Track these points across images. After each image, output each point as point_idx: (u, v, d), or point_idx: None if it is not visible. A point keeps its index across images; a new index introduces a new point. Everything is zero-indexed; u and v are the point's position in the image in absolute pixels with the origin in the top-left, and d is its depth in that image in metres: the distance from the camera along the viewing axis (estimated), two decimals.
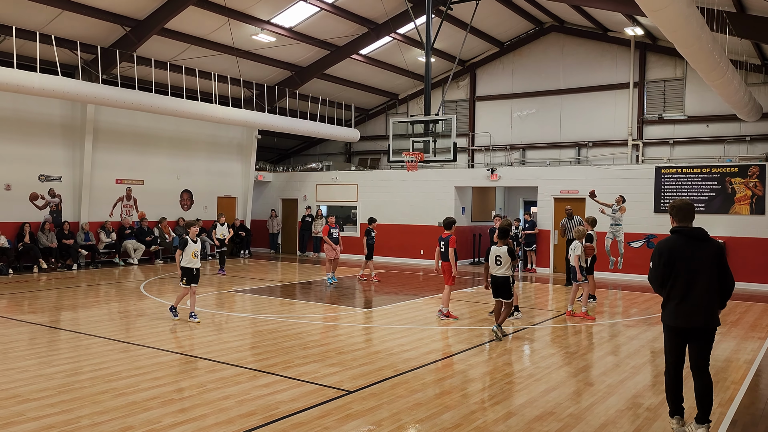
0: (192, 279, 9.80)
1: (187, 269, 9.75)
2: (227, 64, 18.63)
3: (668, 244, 5.17)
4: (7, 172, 16.09)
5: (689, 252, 5.07)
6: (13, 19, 14.37)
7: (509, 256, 9.01)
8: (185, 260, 9.71)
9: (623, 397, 6.32)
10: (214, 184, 21.65)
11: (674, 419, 5.36)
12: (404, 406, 5.87)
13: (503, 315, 9.12)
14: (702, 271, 5.05)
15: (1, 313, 10.34)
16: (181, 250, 9.76)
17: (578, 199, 17.67)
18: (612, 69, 20.06)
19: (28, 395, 5.97)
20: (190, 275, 9.78)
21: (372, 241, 15.50)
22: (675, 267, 5.08)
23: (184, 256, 9.72)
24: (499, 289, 9.09)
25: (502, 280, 9.07)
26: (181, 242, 9.86)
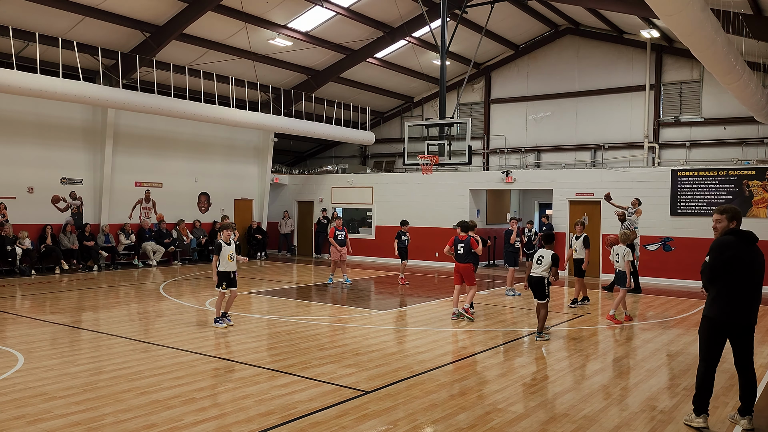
0: (230, 283, 9.58)
1: (224, 273, 9.51)
2: (244, 68, 18.86)
3: (728, 242, 5.50)
4: (30, 175, 16.42)
5: (743, 252, 5.45)
6: (37, 26, 14.69)
7: (551, 261, 9.15)
8: (222, 264, 9.48)
9: (638, 400, 6.36)
10: (230, 187, 21.89)
11: (700, 417, 5.51)
12: (420, 407, 5.96)
13: (540, 317, 9.22)
14: (752, 271, 5.45)
15: (25, 313, 10.59)
16: (216, 254, 9.48)
17: (594, 202, 17.65)
18: (628, 71, 20.01)
19: (54, 393, 6.14)
20: (228, 279, 9.55)
21: (403, 245, 15.14)
22: (731, 265, 5.41)
23: (220, 260, 9.49)
24: (534, 289, 9.28)
25: (536, 279, 9.23)
26: (216, 246, 9.57)
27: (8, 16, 14.16)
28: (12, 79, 13.35)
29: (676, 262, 16.31)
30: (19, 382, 6.47)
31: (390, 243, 20.99)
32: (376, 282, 16.24)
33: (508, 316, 11.24)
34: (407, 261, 15.53)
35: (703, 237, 15.44)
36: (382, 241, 21.25)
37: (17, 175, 16.14)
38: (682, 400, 6.34)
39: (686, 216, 16.31)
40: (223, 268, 9.51)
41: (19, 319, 10.03)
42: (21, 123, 16.22)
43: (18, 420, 5.36)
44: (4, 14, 14.09)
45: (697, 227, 15.99)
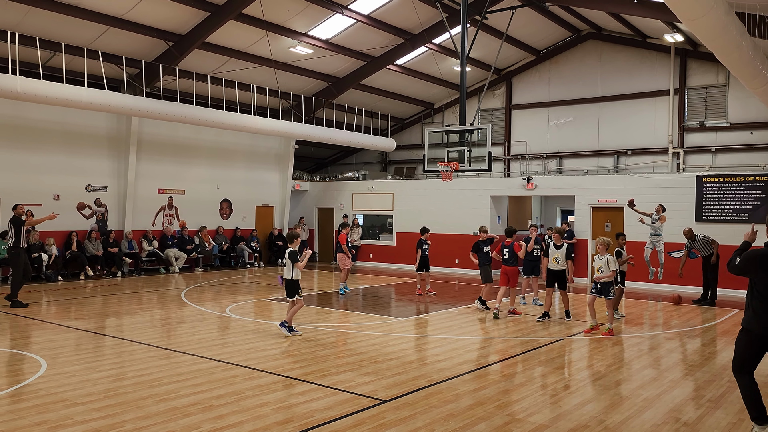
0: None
1: (297, 282, 9.58)
2: (265, 76, 19.02)
3: (763, 253, 5.50)
4: (56, 182, 16.72)
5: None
6: (63, 36, 14.98)
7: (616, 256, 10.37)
8: (295, 273, 9.53)
9: (660, 411, 6.24)
10: (252, 194, 22.05)
11: (757, 427, 5.43)
12: (438, 417, 5.91)
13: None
14: None
15: (50, 319, 10.76)
16: (295, 262, 9.48)
17: (617, 209, 17.43)
18: (651, 76, 19.77)
19: (75, 399, 6.22)
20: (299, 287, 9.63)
21: (425, 254, 14.32)
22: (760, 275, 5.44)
23: (294, 268, 9.51)
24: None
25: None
26: (293, 254, 9.53)
27: (35, 27, 14.47)
28: (39, 88, 13.62)
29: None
30: (41, 388, 6.56)
31: (411, 249, 20.89)
32: (397, 289, 16.20)
33: (528, 326, 11.13)
34: (428, 271, 14.59)
35: (729, 244, 15.12)
36: (403, 248, 21.21)
37: (44, 182, 16.45)
38: (707, 412, 6.20)
39: (712, 222, 16.01)
40: (297, 276, 9.58)
41: (44, 325, 10.19)
42: (48, 132, 16.54)
43: (39, 426, 5.43)
44: (31, 25, 14.40)
45: (723, 234, 15.66)
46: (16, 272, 11.96)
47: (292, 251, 9.59)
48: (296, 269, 9.49)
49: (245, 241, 21.13)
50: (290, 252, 9.58)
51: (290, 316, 9.68)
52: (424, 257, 14.38)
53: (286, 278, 9.63)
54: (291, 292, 9.60)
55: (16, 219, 11.93)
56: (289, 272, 9.56)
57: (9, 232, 12.00)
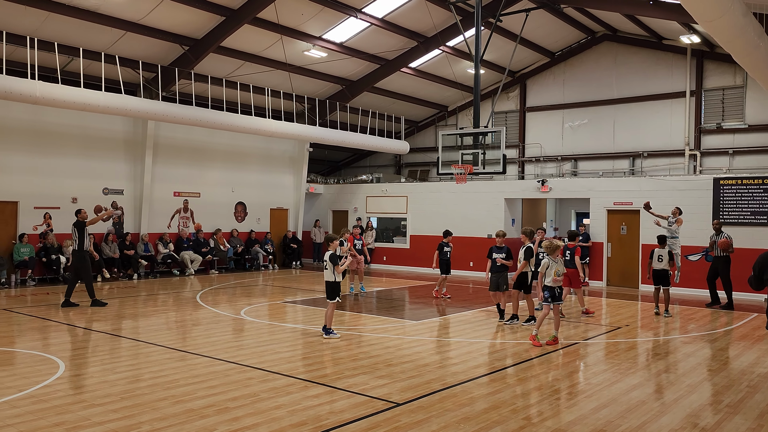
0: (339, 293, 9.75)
1: (338, 284, 9.68)
2: (280, 79, 19.12)
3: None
4: (74, 185, 16.91)
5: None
6: (80, 41, 15.16)
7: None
8: (337, 275, 9.63)
9: (677, 417, 6.18)
10: (266, 196, 22.16)
11: None
12: (452, 420, 5.90)
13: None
14: None
15: (68, 321, 10.88)
16: (336, 265, 9.58)
17: (632, 211, 17.30)
18: (667, 77, 19.62)
19: (92, 400, 6.28)
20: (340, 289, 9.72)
21: (446, 257, 14.28)
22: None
23: (335, 271, 9.59)
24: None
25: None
26: (333, 257, 9.61)
27: (54, 33, 14.66)
28: (57, 93, 13.80)
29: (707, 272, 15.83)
30: (59, 389, 6.64)
31: (425, 252, 20.85)
32: (411, 292, 16.20)
33: (543, 328, 11.06)
34: (448, 275, 14.59)
35: (747, 247, 14.95)
36: (417, 251, 21.20)
37: (62, 185, 16.65)
38: (726, 418, 6.14)
39: (729, 225, 15.82)
40: (339, 279, 9.69)
41: (62, 327, 10.30)
42: (66, 135, 16.74)
43: (57, 427, 5.50)
44: (50, 31, 14.59)
45: (741, 237, 15.49)
46: (86, 274, 12.46)
47: (333, 254, 9.66)
48: (336, 272, 9.56)
49: (260, 243, 21.23)
50: (331, 255, 9.65)
51: (329, 319, 9.76)
52: (445, 260, 14.33)
53: (327, 281, 9.68)
54: (332, 294, 9.66)
55: (80, 223, 12.37)
56: (331, 274, 9.62)
57: (73, 236, 12.43)
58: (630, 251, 17.32)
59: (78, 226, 12.34)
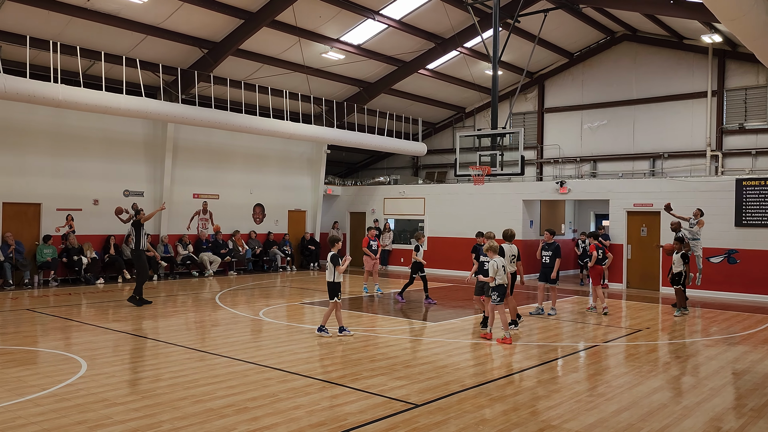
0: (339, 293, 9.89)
1: (339, 284, 9.83)
2: (298, 82, 19.21)
3: None
4: (95, 187, 17.14)
5: None
6: (102, 45, 15.37)
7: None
8: (337, 275, 9.78)
9: (700, 420, 6.09)
10: (284, 198, 22.27)
11: None
12: (471, 422, 5.88)
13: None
14: None
15: (89, 321, 11.02)
16: (337, 265, 9.75)
17: (653, 213, 17.11)
18: (688, 77, 19.40)
19: (114, 399, 6.35)
20: (340, 289, 9.89)
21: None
22: None
23: (335, 271, 9.76)
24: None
25: None
26: (334, 258, 9.82)
27: (76, 37, 14.88)
28: (80, 96, 13.99)
29: (742, 276, 15.62)
30: (82, 388, 6.72)
31: (443, 254, 20.80)
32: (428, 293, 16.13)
33: (563, 330, 10.99)
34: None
35: None
36: (434, 252, 21.14)
37: (83, 187, 16.88)
38: (750, 422, 6.04)
39: (752, 227, 15.61)
40: (339, 279, 9.84)
41: (84, 327, 10.44)
42: (87, 138, 16.97)
43: (80, 425, 5.57)
44: (72, 35, 14.81)
45: (764, 239, 15.29)
46: (142, 272, 12.83)
47: (334, 255, 9.86)
48: (337, 272, 9.72)
49: (278, 245, 21.34)
50: (332, 256, 9.86)
51: (338, 318, 9.97)
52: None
53: (329, 281, 9.84)
54: (332, 294, 9.80)
55: (137, 223, 12.78)
56: (331, 275, 9.78)
57: (131, 235, 12.83)
58: (650, 253, 17.13)
59: (135, 226, 12.77)
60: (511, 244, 10.96)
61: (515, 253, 10.91)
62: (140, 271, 12.85)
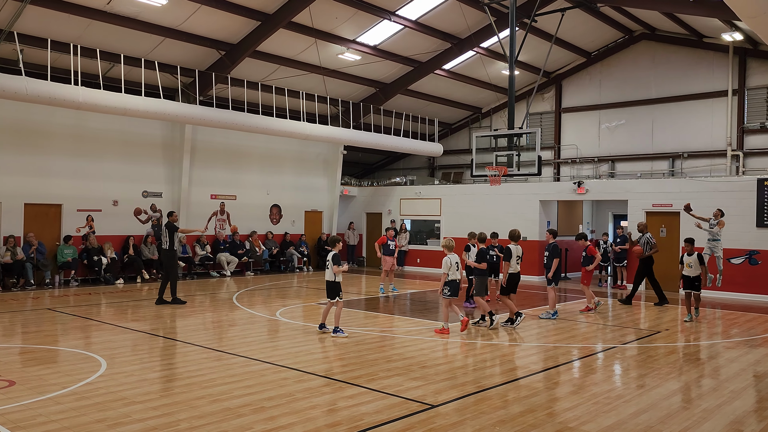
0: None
1: (339, 284, 9.98)
2: (314, 83, 19.27)
3: None
4: (115, 188, 17.34)
5: None
6: (121, 48, 15.55)
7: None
8: (338, 276, 9.95)
9: (720, 423, 6.01)
10: (301, 199, 22.35)
11: None
12: (488, 423, 5.85)
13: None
14: None
15: (109, 320, 11.15)
16: (338, 265, 9.89)
17: (672, 213, 16.92)
18: (708, 76, 19.16)
19: (133, 398, 6.42)
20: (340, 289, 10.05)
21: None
22: None
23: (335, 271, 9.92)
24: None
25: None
26: (336, 257, 9.95)
27: (96, 40, 15.06)
28: (99, 98, 14.18)
29: (763, 277, 15.39)
30: (101, 387, 6.80)
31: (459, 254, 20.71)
32: None
33: (579, 332, 10.91)
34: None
35: None
36: None
37: (103, 189, 17.09)
38: None
39: None
40: (339, 279, 10.02)
41: (104, 326, 10.56)
42: (107, 140, 17.17)
43: (99, 423, 5.63)
44: (92, 38, 14.99)
45: None
46: (173, 273, 13.06)
47: (336, 254, 9.99)
48: (335, 272, 9.89)
49: (294, 245, 21.42)
50: (334, 255, 9.98)
51: (337, 318, 10.01)
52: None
53: (328, 280, 9.99)
54: (333, 294, 9.94)
55: (171, 224, 12.99)
56: (332, 274, 9.92)
57: (164, 237, 13.00)
58: (669, 254, 16.93)
59: (169, 227, 12.97)
60: (517, 245, 11.44)
61: (520, 254, 11.40)
62: (171, 273, 13.05)
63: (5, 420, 5.64)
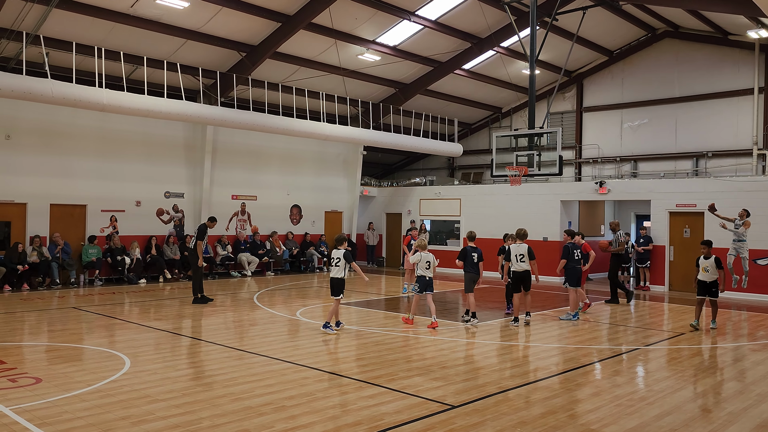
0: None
1: (343, 281, 10.26)
2: (334, 84, 19.34)
3: None
4: (138, 189, 17.56)
5: None
6: (144, 50, 15.75)
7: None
8: (346, 273, 10.23)
9: (746, 427, 5.91)
10: (321, 199, 22.43)
11: None
12: (508, 424, 5.82)
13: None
14: None
15: (132, 319, 11.29)
16: (349, 262, 10.23)
17: (696, 213, 16.68)
18: (733, 74, 18.85)
19: (156, 396, 6.50)
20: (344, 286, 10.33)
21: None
22: None
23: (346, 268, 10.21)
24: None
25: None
26: (348, 255, 10.29)
27: (119, 43, 15.27)
28: (123, 100, 14.37)
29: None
30: (125, 385, 6.89)
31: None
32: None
33: (603, 333, 10.80)
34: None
35: None
36: None
37: (126, 189, 17.31)
38: None
39: None
40: (346, 276, 10.30)
41: (127, 325, 10.71)
42: (130, 141, 17.40)
43: (124, 420, 5.71)
44: (115, 41, 15.21)
45: None
46: (199, 273, 13.48)
47: (347, 252, 10.29)
48: (352, 268, 10.24)
49: (314, 246, 21.51)
50: (345, 253, 10.26)
51: (334, 314, 10.33)
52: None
53: (337, 277, 10.21)
54: (339, 291, 10.21)
55: (203, 227, 13.41)
56: (342, 271, 10.16)
57: (195, 237, 13.39)
58: (693, 255, 16.55)
59: (199, 230, 13.36)
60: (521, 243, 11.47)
61: (523, 252, 11.31)
62: (198, 272, 13.43)
63: (32, 416, 5.75)
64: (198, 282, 13.40)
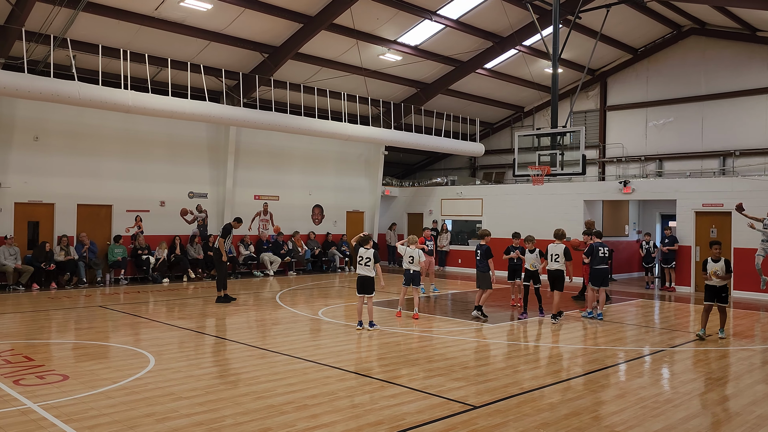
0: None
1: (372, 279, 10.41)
2: (355, 84, 19.37)
3: None
4: (162, 189, 17.78)
5: None
6: (169, 52, 15.93)
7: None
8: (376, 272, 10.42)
9: None
10: (343, 199, 22.49)
11: None
12: (531, 425, 5.78)
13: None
14: None
15: (157, 318, 11.44)
16: (377, 262, 10.43)
17: (723, 213, 16.38)
18: (762, 71, 18.50)
19: (180, 394, 6.57)
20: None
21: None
22: None
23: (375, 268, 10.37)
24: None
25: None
26: (376, 255, 10.49)
27: (144, 45, 15.48)
28: (148, 101, 14.55)
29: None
30: (150, 382, 6.98)
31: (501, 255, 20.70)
32: None
33: (627, 334, 10.67)
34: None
35: None
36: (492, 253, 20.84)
37: (151, 190, 17.54)
38: None
39: None
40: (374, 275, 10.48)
41: (152, 324, 10.84)
42: (154, 142, 17.63)
43: (148, 417, 5.79)
44: (140, 43, 15.42)
45: None
46: (222, 271, 13.61)
47: (376, 253, 10.42)
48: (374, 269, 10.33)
49: (336, 246, 21.57)
50: (375, 253, 10.36)
51: (365, 311, 10.52)
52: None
53: (368, 275, 10.33)
54: (371, 289, 10.36)
55: (228, 227, 13.72)
56: (372, 271, 10.29)
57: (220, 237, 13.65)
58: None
59: (224, 229, 13.66)
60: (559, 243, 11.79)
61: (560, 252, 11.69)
62: (222, 268, 13.55)
63: (59, 413, 5.85)
64: (222, 278, 13.51)
